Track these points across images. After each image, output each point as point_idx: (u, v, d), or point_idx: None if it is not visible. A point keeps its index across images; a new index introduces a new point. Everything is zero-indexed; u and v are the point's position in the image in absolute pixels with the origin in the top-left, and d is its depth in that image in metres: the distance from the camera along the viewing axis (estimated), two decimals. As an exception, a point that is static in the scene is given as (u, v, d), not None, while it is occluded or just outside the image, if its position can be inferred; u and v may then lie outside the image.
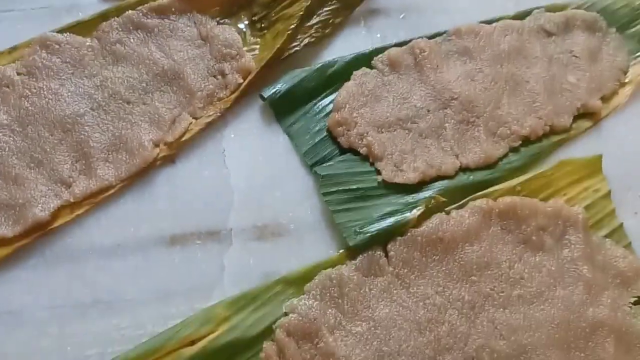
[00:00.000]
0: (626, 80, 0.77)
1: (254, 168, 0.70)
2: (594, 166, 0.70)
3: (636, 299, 0.64)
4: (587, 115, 0.74)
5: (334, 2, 0.78)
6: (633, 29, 0.79)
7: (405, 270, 0.64)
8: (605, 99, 0.75)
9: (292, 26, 0.75)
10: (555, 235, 0.66)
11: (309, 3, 0.76)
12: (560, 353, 0.61)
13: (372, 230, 0.65)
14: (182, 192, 0.69)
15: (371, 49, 0.76)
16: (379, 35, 0.79)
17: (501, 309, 0.63)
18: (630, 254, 0.66)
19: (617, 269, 0.65)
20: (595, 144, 0.73)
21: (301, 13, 0.76)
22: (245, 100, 0.74)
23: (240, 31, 0.77)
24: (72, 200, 0.67)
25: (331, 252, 0.66)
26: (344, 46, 0.78)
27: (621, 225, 0.68)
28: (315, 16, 0.78)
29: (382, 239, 0.65)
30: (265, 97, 0.73)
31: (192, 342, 0.60)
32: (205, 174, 0.70)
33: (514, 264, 0.65)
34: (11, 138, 0.68)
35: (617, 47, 0.78)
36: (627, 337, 0.62)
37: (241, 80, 0.74)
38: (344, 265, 0.65)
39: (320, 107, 0.74)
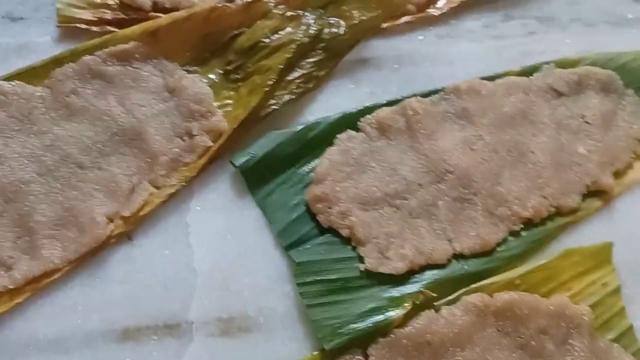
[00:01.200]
0: (643, 153, 0.68)
1: (222, 247, 0.63)
2: (603, 256, 0.63)
3: (643, 417, 0.57)
4: (598, 194, 0.66)
5: (318, 52, 0.69)
6: (653, 90, 0.70)
7: (387, 379, 0.56)
8: (618, 174, 0.67)
9: (270, 81, 0.66)
10: (558, 340, 0.58)
11: (290, 55, 0.67)
12: None
13: (351, 330, 0.57)
14: (138, 276, 0.61)
15: (358, 109, 0.68)
16: (368, 91, 0.70)
17: None
18: (639, 364, 0.58)
19: (625, 381, 0.57)
20: (605, 228, 0.65)
21: (281, 66, 0.66)
22: (214, 166, 0.66)
23: (212, 82, 0.68)
24: (11, 285, 0.59)
25: (305, 352, 0.59)
26: (329, 103, 0.70)
27: (631, 327, 0.60)
28: (296, 69, 0.68)
29: (363, 339, 0.58)
30: (237, 164, 0.64)
31: None
32: (166, 254, 0.62)
33: (509, 374, 0.57)
34: (-57, 210, 0.59)
35: (635, 113, 0.70)
36: None
37: (210, 143, 0.65)
38: (318, 371, 0.57)
39: (299, 175, 0.66)
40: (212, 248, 0.63)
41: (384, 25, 0.73)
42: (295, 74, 0.69)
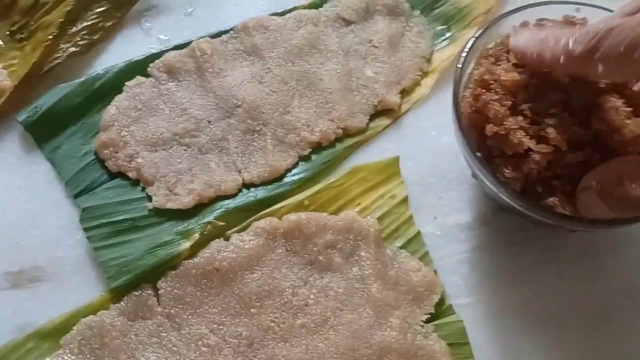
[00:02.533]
0: (429, 70, 0.70)
1: (9, 205, 0.63)
2: (391, 169, 0.65)
3: (429, 316, 0.59)
4: (386, 112, 0.68)
5: (103, 3, 0.69)
6: (438, 10, 0.73)
7: (177, 309, 0.58)
8: (406, 92, 0.69)
9: (51, 35, 0.66)
10: (345, 252, 0.60)
11: (70, 8, 0.66)
12: (344, 385, 0.56)
13: (138, 267, 0.58)
14: None
15: (147, 55, 0.68)
16: (159, 37, 0.70)
17: (282, 343, 0.57)
18: (424, 266, 0.60)
19: (410, 284, 0.60)
20: (394, 143, 0.67)
21: (61, 20, 0.66)
22: (0, 126, 0.64)
23: (-4, 46, 0.67)
24: None
25: (97, 295, 0.58)
26: (120, 53, 0.70)
27: (418, 232, 0.62)
28: (81, 21, 0.68)
29: (153, 276, 0.58)
30: (20, 120, 0.63)
31: None
32: (-47, 216, 0.61)
33: (298, 290, 0.59)
34: None
35: (421, 32, 0.71)
36: (416, 360, 0.57)
37: (-6, 103, 0.64)
38: (107, 310, 0.57)
39: (88, 125, 0.66)
40: (0, 206, 0.62)
41: (171, -29, 0.73)
42: (80, 26, 0.68)
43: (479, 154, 0.54)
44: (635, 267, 0.59)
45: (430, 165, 0.65)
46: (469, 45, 0.58)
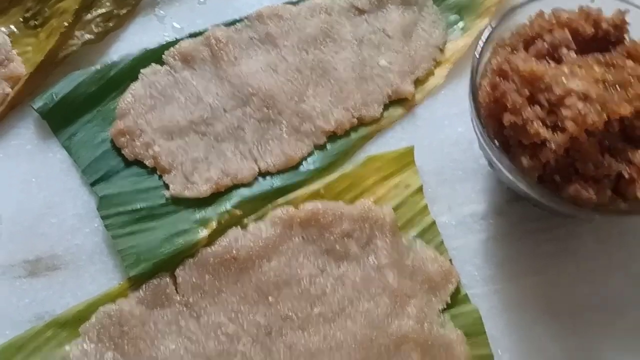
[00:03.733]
0: (442, 59, 0.70)
1: (26, 192, 0.63)
2: (405, 159, 0.65)
3: (445, 305, 0.59)
4: (400, 102, 0.68)
5: (118, -10, 0.68)
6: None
7: (196, 298, 0.58)
8: (420, 82, 0.69)
9: (66, 22, 0.65)
10: (362, 242, 0.60)
11: (85, -6, 0.66)
12: (361, 374, 0.56)
13: (156, 255, 0.58)
14: (-60, 226, 0.60)
15: (162, 43, 0.67)
16: (174, 26, 0.70)
17: (300, 331, 0.57)
18: (439, 255, 0.61)
19: (426, 273, 0.60)
20: (409, 133, 0.67)
21: (76, 7, 0.66)
22: (16, 113, 0.65)
23: (11, 31, 0.67)
24: None
25: (115, 283, 0.59)
26: (135, 41, 0.70)
27: (434, 222, 0.62)
28: (95, 8, 0.67)
29: (171, 264, 0.58)
30: (36, 107, 0.63)
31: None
32: (-31, 203, 0.61)
33: (315, 279, 0.59)
34: None
35: (434, 22, 0.71)
36: (433, 350, 0.58)
37: (9, 90, 0.64)
38: (126, 299, 0.57)
39: (104, 113, 0.66)
40: (17, 194, 0.62)
41: (185, -41, 0.72)
42: (95, 14, 0.68)
43: (496, 143, 0.54)
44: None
45: (445, 155, 0.65)
46: (486, 35, 0.58)
